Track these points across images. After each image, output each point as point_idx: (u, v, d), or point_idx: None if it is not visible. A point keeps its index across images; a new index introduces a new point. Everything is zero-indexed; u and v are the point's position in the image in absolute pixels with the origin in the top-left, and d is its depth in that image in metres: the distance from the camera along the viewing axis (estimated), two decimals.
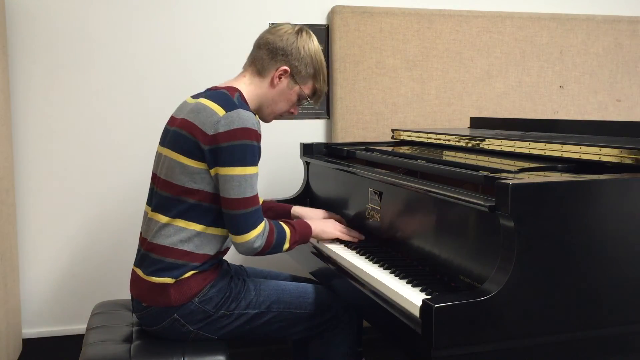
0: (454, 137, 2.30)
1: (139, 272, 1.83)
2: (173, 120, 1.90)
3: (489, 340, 1.32)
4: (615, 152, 1.59)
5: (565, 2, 3.34)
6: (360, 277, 1.73)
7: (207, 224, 1.81)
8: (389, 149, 2.42)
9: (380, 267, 1.74)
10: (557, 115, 3.24)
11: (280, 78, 1.92)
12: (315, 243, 2.08)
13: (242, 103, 1.82)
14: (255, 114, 1.87)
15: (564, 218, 1.37)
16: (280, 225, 1.88)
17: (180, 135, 1.80)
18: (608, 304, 1.42)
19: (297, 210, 2.21)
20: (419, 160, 2.01)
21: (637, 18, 3.33)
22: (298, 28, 1.96)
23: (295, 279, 2.17)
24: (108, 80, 2.78)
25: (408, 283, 1.58)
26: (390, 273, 1.68)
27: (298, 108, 2.03)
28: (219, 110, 1.77)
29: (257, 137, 1.78)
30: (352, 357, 1.98)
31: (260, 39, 1.97)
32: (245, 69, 1.98)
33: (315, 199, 2.54)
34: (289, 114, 2.03)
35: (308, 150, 2.60)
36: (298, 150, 2.66)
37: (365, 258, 1.85)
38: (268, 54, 1.92)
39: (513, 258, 1.31)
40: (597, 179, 1.43)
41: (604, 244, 1.41)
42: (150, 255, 1.80)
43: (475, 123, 2.88)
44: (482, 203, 1.41)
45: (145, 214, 1.91)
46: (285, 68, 1.92)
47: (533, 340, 1.36)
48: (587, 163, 1.66)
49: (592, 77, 3.28)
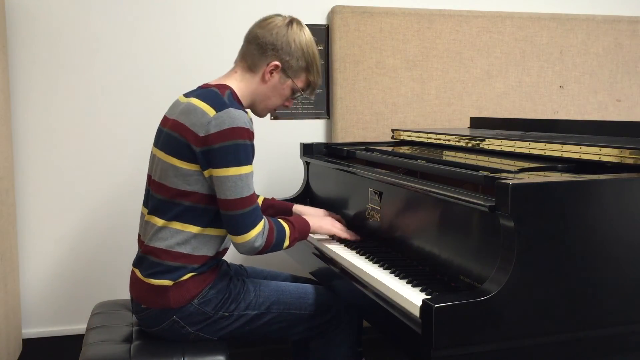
0: (454, 137, 2.30)
1: (138, 273, 1.82)
2: (165, 121, 1.88)
3: (489, 340, 1.32)
4: (615, 152, 1.59)
5: (565, 2, 3.34)
6: (360, 277, 1.73)
7: (203, 226, 1.79)
8: (389, 149, 2.42)
9: (380, 267, 1.74)
10: (557, 115, 3.24)
11: (272, 73, 1.88)
12: (315, 243, 2.08)
13: (232, 101, 1.78)
14: (247, 112, 1.83)
15: (564, 218, 1.37)
16: (280, 223, 1.87)
17: (172, 138, 1.78)
18: (608, 304, 1.42)
19: (298, 209, 2.21)
20: (419, 160, 2.01)
21: (637, 18, 3.33)
22: (288, 20, 1.90)
23: (296, 279, 2.16)
24: (108, 80, 2.78)
25: (408, 283, 1.58)
26: (390, 273, 1.68)
27: (292, 101, 1.99)
28: (210, 111, 1.73)
29: (249, 135, 1.75)
30: (352, 357, 1.98)
31: (250, 34, 1.92)
32: (237, 65, 1.93)
33: (315, 199, 2.54)
34: (284, 107, 2.00)
35: (308, 150, 2.60)
36: (298, 150, 2.66)
37: (365, 258, 1.84)
38: (258, 49, 1.88)
39: (513, 258, 1.31)
40: (597, 179, 1.43)
41: (604, 244, 1.41)
42: (148, 258, 1.79)
43: (475, 123, 2.88)
44: (482, 203, 1.41)
45: (142, 216, 1.89)
46: (276, 63, 1.87)
47: (533, 340, 1.36)
48: (587, 163, 1.66)
49: (592, 77, 3.28)
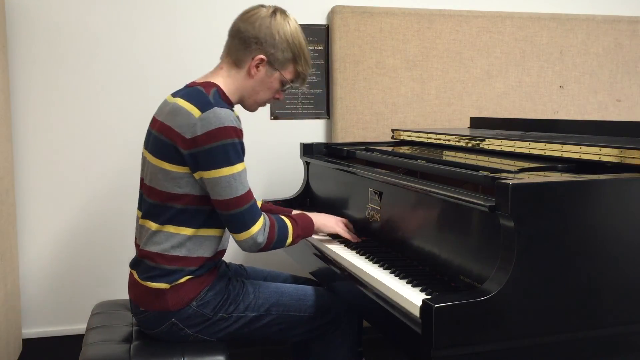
0: (454, 137, 2.30)
1: (135, 275, 1.81)
2: (154, 122, 1.84)
3: (489, 340, 1.32)
4: (615, 152, 1.59)
5: (565, 2, 3.34)
6: (361, 277, 1.73)
7: (197, 227, 1.76)
8: (389, 149, 2.42)
9: (380, 267, 1.74)
10: (557, 115, 3.24)
11: (258, 67, 1.83)
12: (316, 243, 2.08)
13: (218, 100, 1.75)
14: (234, 110, 1.79)
15: (564, 218, 1.37)
16: (282, 219, 1.85)
17: (160, 141, 1.76)
18: (608, 304, 1.42)
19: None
20: (419, 160, 2.01)
21: (637, 18, 3.32)
22: (272, 11, 1.85)
23: (296, 279, 2.16)
24: (108, 80, 2.78)
25: (408, 283, 1.58)
26: (390, 273, 1.68)
27: (283, 94, 1.94)
28: (195, 112, 1.70)
29: (237, 133, 1.71)
30: (352, 358, 1.98)
31: (232, 28, 1.87)
32: (222, 61, 1.89)
33: (315, 199, 2.54)
34: (275, 100, 1.95)
35: (308, 150, 2.60)
36: (298, 150, 2.66)
37: (366, 258, 1.84)
38: (241, 44, 1.83)
39: (513, 258, 1.31)
40: (597, 179, 1.43)
41: (604, 244, 1.41)
42: (145, 262, 1.78)
43: (475, 123, 2.88)
44: (482, 203, 1.41)
45: (137, 219, 1.87)
46: (261, 56, 1.82)
47: (533, 340, 1.36)
48: (587, 163, 1.66)
49: (592, 77, 3.28)
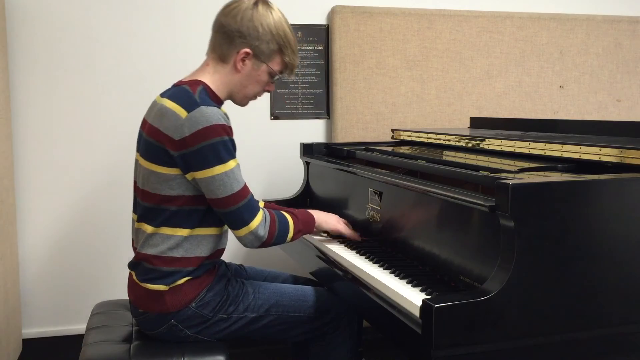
0: (454, 137, 2.30)
1: (134, 276, 1.81)
2: (144, 124, 1.82)
3: (489, 340, 1.32)
4: (615, 152, 1.59)
5: (565, 2, 3.34)
6: (361, 277, 1.72)
7: (192, 227, 1.75)
8: (389, 149, 2.42)
9: (380, 267, 1.74)
10: (557, 115, 3.24)
11: (244, 61, 1.80)
12: (316, 243, 2.08)
13: (205, 98, 1.72)
14: (221, 107, 1.77)
15: (564, 218, 1.37)
16: (282, 214, 1.85)
17: (150, 144, 1.74)
18: (608, 304, 1.42)
19: None
20: (419, 160, 2.01)
21: (637, 18, 3.33)
22: (253, 2, 1.80)
23: (296, 280, 2.16)
24: (108, 80, 2.78)
25: (408, 283, 1.58)
26: (390, 273, 1.68)
27: (273, 85, 1.91)
28: (181, 112, 1.68)
29: (226, 130, 1.69)
30: (352, 357, 1.98)
31: (215, 23, 1.83)
32: (208, 57, 1.85)
33: (315, 199, 2.54)
34: (266, 92, 1.92)
35: (308, 150, 2.60)
36: (298, 150, 2.66)
37: (365, 258, 1.84)
38: (225, 39, 1.79)
39: (513, 258, 1.31)
40: (597, 179, 1.43)
41: (604, 244, 1.41)
42: (143, 264, 1.77)
43: (475, 123, 2.88)
44: (482, 203, 1.41)
45: (133, 222, 1.86)
46: (246, 50, 1.78)
47: (533, 340, 1.36)
48: (587, 163, 1.66)
49: (592, 77, 3.28)
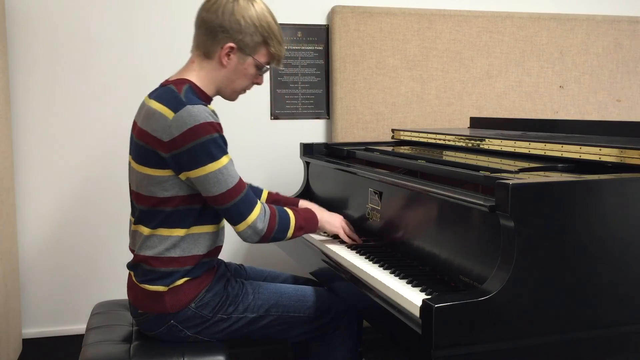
0: (454, 137, 2.30)
1: (133, 277, 1.81)
2: (134, 126, 1.81)
3: (489, 340, 1.32)
4: (615, 152, 1.59)
5: (565, 2, 3.34)
6: (361, 277, 1.72)
7: (188, 226, 1.75)
8: (389, 149, 2.42)
9: (380, 267, 1.74)
10: (557, 115, 3.24)
11: (229, 56, 1.78)
12: (316, 243, 2.08)
13: (191, 97, 1.70)
14: (208, 104, 1.76)
15: (564, 218, 1.37)
16: (283, 210, 1.84)
17: (140, 147, 1.74)
18: (608, 304, 1.42)
19: (304, 205, 2.19)
20: (419, 160, 2.01)
21: (637, 18, 3.33)
22: None
23: (296, 280, 2.16)
24: (108, 80, 2.78)
25: (408, 283, 1.58)
26: (391, 273, 1.68)
27: (262, 78, 1.88)
28: (168, 113, 1.67)
29: (215, 128, 1.67)
30: (352, 357, 1.98)
31: (197, 19, 1.81)
32: (193, 54, 1.84)
33: (315, 199, 2.54)
34: (256, 85, 1.89)
35: (308, 150, 2.60)
36: (298, 150, 2.66)
37: (365, 258, 1.84)
38: (208, 34, 1.78)
39: (513, 258, 1.31)
40: (597, 179, 1.43)
41: (604, 244, 1.41)
42: (141, 265, 1.77)
43: (475, 123, 2.88)
44: (482, 203, 1.41)
45: (130, 225, 1.86)
46: (230, 45, 1.76)
47: (533, 340, 1.36)
48: (587, 163, 1.66)
49: (592, 77, 3.28)
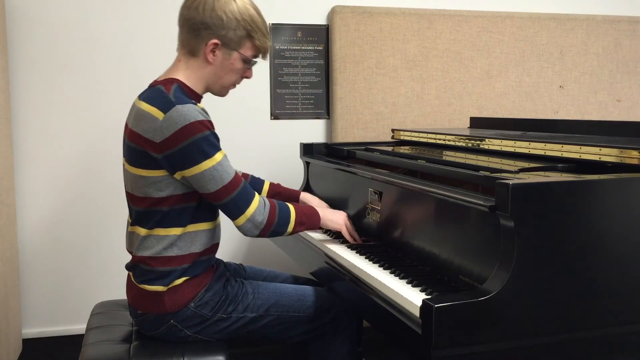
0: (454, 137, 2.30)
1: (132, 277, 1.81)
2: (125, 128, 1.82)
3: (489, 340, 1.32)
4: (615, 152, 1.59)
5: (565, 2, 3.34)
6: (361, 277, 1.72)
7: (185, 224, 1.75)
8: (389, 149, 2.42)
9: (380, 267, 1.74)
10: (557, 115, 3.24)
11: (214, 52, 1.77)
12: (316, 243, 2.08)
13: (180, 96, 1.70)
14: (198, 103, 1.76)
15: (564, 218, 1.37)
16: (284, 204, 1.84)
17: (132, 148, 1.74)
18: (608, 304, 1.42)
19: (305, 197, 2.20)
20: (419, 160, 2.01)
21: (637, 18, 3.33)
22: None
23: (296, 280, 2.16)
24: (108, 80, 2.78)
25: (408, 283, 1.58)
26: (390, 273, 1.68)
27: (250, 71, 1.87)
28: (157, 114, 1.67)
29: (206, 125, 1.67)
30: (352, 357, 1.98)
31: (179, 18, 1.80)
32: (179, 53, 1.83)
33: None
34: (245, 79, 1.88)
35: (308, 150, 2.60)
36: (298, 150, 2.66)
37: (365, 258, 1.84)
38: (191, 32, 1.76)
39: (513, 258, 1.31)
40: (597, 179, 1.43)
41: (604, 244, 1.41)
42: (140, 266, 1.77)
43: (475, 123, 2.88)
44: (482, 203, 1.41)
45: (128, 226, 1.87)
46: (214, 41, 1.75)
47: (533, 340, 1.36)
48: (587, 163, 1.66)
49: (592, 77, 3.28)
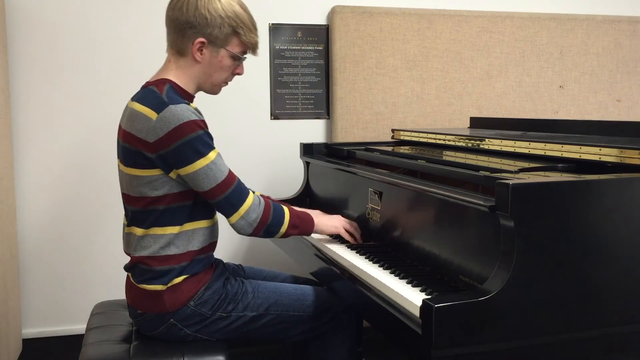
0: (454, 137, 2.30)
1: (131, 277, 1.82)
2: (119, 129, 1.82)
3: (489, 340, 1.32)
4: (615, 152, 1.59)
5: (565, 2, 3.34)
6: (361, 277, 1.72)
7: (182, 223, 1.76)
8: (389, 149, 2.42)
9: (380, 267, 1.74)
10: (557, 115, 3.24)
11: (201, 51, 1.77)
12: (315, 243, 2.08)
13: (172, 96, 1.71)
14: (191, 103, 1.77)
15: (564, 218, 1.37)
16: (279, 205, 1.85)
17: (126, 149, 1.75)
18: (608, 304, 1.42)
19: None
20: (419, 160, 2.01)
21: (637, 18, 3.33)
22: None
23: (296, 280, 2.16)
24: (108, 80, 2.78)
25: (408, 283, 1.58)
26: (391, 273, 1.68)
27: (241, 67, 1.87)
28: (151, 114, 1.68)
29: (199, 125, 1.69)
30: (351, 357, 1.98)
31: (166, 19, 1.81)
32: (168, 53, 1.84)
33: (315, 199, 2.54)
34: (237, 75, 1.88)
35: (308, 150, 2.60)
36: (298, 150, 2.66)
37: (365, 258, 1.84)
38: (177, 33, 1.77)
39: (513, 258, 1.31)
40: (597, 179, 1.43)
41: (604, 244, 1.41)
42: (139, 266, 1.78)
43: (475, 123, 2.88)
44: (482, 203, 1.41)
45: (124, 228, 1.87)
46: (201, 40, 1.76)
47: (533, 340, 1.36)
48: (587, 163, 1.66)
49: (592, 77, 3.28)
